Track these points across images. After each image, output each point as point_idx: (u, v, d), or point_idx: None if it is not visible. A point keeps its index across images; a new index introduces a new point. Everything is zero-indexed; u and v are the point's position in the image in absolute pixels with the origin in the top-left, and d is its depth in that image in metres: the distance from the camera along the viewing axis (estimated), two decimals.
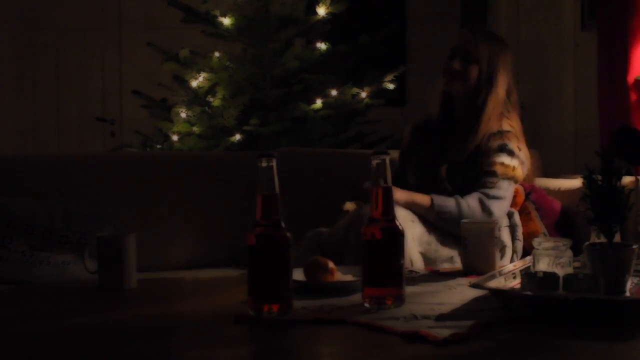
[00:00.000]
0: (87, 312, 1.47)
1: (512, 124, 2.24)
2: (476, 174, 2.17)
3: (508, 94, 2.27)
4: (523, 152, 2.23)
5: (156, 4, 4.07)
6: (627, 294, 1.34)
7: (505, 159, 2.17)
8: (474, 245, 1.77)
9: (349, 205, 2.26)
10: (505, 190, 2.16)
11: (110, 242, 1.63)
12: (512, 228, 2.20)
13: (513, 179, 2.19)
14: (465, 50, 2.24)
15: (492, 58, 2.23)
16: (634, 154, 2.13)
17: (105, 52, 5.38)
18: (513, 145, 2.20)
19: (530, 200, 2.32)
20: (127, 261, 1.63)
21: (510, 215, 2.22)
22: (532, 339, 1.21)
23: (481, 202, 2.11)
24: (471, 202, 2.10)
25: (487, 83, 2.23)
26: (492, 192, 2.13)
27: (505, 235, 2.16)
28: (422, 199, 2.12)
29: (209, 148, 3.68)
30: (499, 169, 2.16)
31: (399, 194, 2.09)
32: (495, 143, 2.18)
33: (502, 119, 2.23)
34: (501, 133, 2.20)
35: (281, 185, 1.38)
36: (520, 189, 2.30)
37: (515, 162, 2.19)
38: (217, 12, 3.71)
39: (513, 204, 2.26)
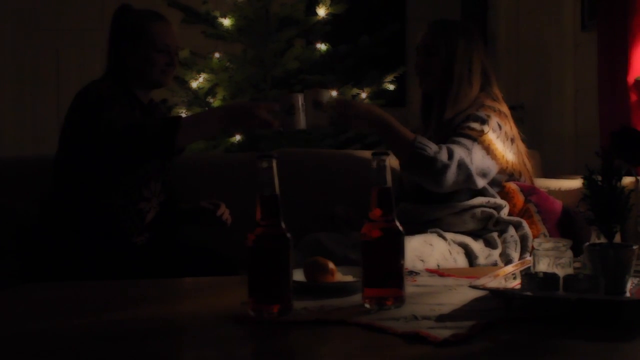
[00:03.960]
0: (87, 313, 1.47)
1: (485, 103, 2.19)
2: None
3: (483, 79, 2.23)
4: (506, 128, 2.16)
5: (156, 4, 4.05)
6: (627, 294, 1.34)
7: (472, 124, 2.12)
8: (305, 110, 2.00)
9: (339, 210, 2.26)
10: (467, 143, 2.07)
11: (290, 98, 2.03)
12: (522, 238, 2.15)
13: (478, 141, 2.09)
14: (423, 45, 2.24)
15: (449, 46, 2.20)
16: (634, 154, 2.13)
17: (105, 53, 5.38)
18: (482, 114, 2.14)
19: (532, 202, 2.31)
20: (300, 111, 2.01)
21: (517, 225, 2.17)
22: (533, 339, 1.21)
23: (447, 148, 2.03)
24: (440, 153, 2.02)
25: (448, 73, 2.19)
26: (453, 141, 2.07)
27: (511, 248, 2.13)
28: (405, 130, 2.06)
29: (209, 149, 3.68)
30: (464, 132, 2.10)
31: (379, 112, 2.02)
32: (460, 118, 2.15)
33: (484, 104, 2.18)
34: (469, 108, 2.16)
35: (281, 186, 1.38)
36: (517, 189, 2.27)
37: (485, 127, 2.11)
38: (217, 13, 3.72)
39: (511, 205, 2.25)
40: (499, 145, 2.15)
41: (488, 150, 2.11)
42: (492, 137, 2.13)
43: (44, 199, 2.19)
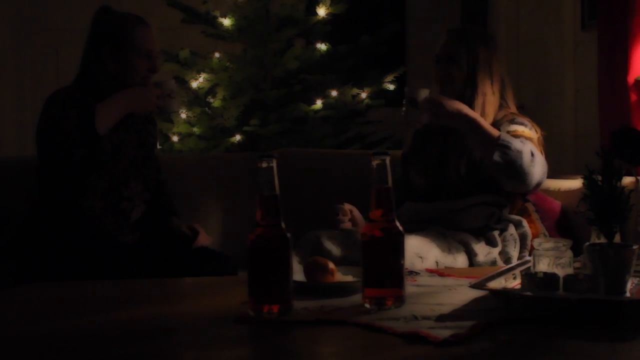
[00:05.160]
0: (87, 313, 1.47)
1: (513, 112, 2.26)
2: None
3: (502, 87, 2.26)
4: (537, 133, 2.21)
5: (156, 4, 4.06)
6: (627, 294, 1.34)
7: (517, 127, 2.17)
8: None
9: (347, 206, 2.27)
10: (529, 143, 2.10)
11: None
12: (522, 237, 2.17)
13: (532, 141, 2.14)
14: (444, 54, 2.24)
15: (470, 56, 2.21)
16: (634, 154, 2.13)
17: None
18: (521, 119, 2.20)
19: (530, 201, 2.32)
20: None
21: (518, 224, 2.19)
22: (533, 339, 1.21)
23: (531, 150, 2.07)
24: (524, 147, 2.06)
25: (470, 82, 2.21)
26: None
27: (510, 246, 2.15)
28: (490, 127, 2.10)
29: (210, 149, 3.68)
30: (517, 134, 2.13)
31: (468, 111, 2.09)
32: (502, 123, 2.19)
33: (501, 111, 2.24)
34: (505, 117, 2.22)
35: (281, 186, 1.38)
36: None
37: (532, 132, 2.18)
38: (217, 13, 3.71)
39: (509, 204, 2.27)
40: (539, 147, 2.19)
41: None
42: (536, 138, 2.18)
43: (31, 200, 2.20)
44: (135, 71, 2.20)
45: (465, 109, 2.11)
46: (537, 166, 2.06)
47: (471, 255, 2.10)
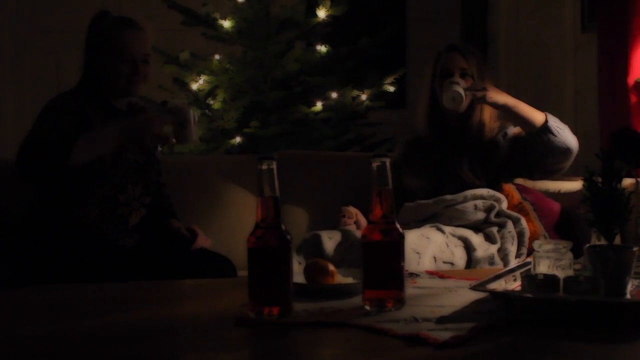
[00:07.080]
0: (87, 314, 1.47)
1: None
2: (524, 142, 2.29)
3: None
4: None
5: (156, 6, 4.05)
6: (628, 296, 1.34)
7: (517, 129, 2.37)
8: None
9: (352, 210, 2.28)
10: None
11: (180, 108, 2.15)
12: (520, 234, 2.20)
13: None
14: (460, 67, 2.34)
15: (479, 68, 2.36)
16: (634, 155, 2.13)
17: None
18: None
19: (528, 201, 2.33)
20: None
21: (516, 221, 2.23)
22: (533, 341, 1.21)
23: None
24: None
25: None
26: None
27: (508, 243, 2.16)
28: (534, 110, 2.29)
29: (209, 151, 3.68)
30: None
31: (508, 99, 2.25)
32: (507, 126, 2.40)
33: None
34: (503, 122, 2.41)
35: (281, 188, 1.38)
36: (513, 187, 2.34)
37: None
38: (217, 15, 3.71)
39: (507, 201, 2.30)
40: None
41: None
42: None
43: (30, 203, 2.20)
44: (119, 75, 2.19)
45: (504, 93, 2.29)
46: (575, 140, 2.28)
47: (470, 250, 2.12)
